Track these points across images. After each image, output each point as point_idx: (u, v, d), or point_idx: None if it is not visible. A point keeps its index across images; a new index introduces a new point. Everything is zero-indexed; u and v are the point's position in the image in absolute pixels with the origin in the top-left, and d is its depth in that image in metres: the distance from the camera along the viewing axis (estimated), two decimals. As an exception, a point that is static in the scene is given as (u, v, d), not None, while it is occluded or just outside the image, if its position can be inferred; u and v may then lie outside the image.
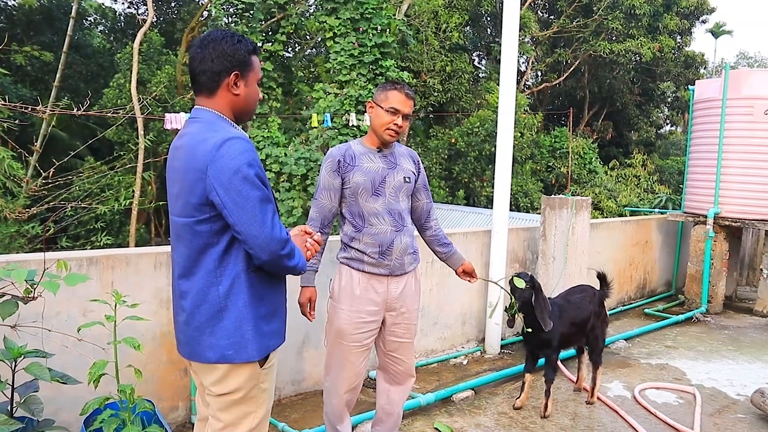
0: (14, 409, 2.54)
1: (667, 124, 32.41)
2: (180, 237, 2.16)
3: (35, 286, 2.43)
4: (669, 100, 28.54)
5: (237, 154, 2.01)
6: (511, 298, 4.03)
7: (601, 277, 4.81)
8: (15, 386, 2.56)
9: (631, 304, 8.02)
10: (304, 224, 2.61)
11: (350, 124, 12.30)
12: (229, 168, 1.99)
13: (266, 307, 2.20)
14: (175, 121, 5.82)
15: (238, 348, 2.12)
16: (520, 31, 5.47)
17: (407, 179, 3.24)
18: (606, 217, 15.90)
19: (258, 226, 2.02)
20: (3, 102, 5.59)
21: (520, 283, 4.01)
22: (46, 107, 5.78)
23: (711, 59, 34.30)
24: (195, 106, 2.23)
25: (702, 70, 26.35)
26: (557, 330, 4.22)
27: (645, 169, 20.94)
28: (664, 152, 27.36)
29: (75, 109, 6.00)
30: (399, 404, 3.51)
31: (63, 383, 2.53)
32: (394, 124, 3.10)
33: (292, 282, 2.81)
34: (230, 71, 2.15)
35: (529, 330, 4.12)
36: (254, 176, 2.03)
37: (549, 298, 4.35)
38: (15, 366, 2.55)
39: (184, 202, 2.09)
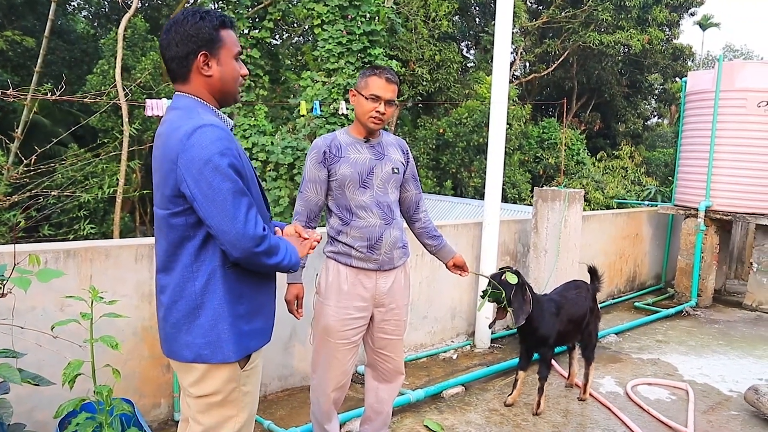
0: (-17, 412, 2.41)
1: (654, 116, 32.45)
2: (159, 229, 2.05)
3: (5, 282, 2.29)
4: (657, 92, 28.57)
5: (208, 143, 1.87)
6: (498, 290, 3.90)
7: (592, 270, 4.72)
8: (-17, 388, 2.43)
9: (621, 297, 7.97)
10: (292, 215, 2.47)
11: (339, 113, 12.15)
12: (199, 157, 1.86)
13: (245, 306, 2.07)
14: (156, 107, 5.64)
15: (213, 348, 2.01)
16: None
17: (396, 170, 3.11)
18: (593, 209, 15.87)
19: (228, 221, 1.88)
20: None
21: (513, 279, 3.89)
22: (18, 91, 5.59)
23: (698, 52, 34.40)
24: (175, 93, 2.10)
25: (690, 63, 26.38)
26: (555, 327, 4.13)
27: (632, 161, 20.93)
28: (650, 144, 27.39)
29: (55, 94, 5.82)
30: (388, 402, 3.40)
31: (35, 385, 2.39)
32: (377, 111, 2.95)
33: (281, 276, 2.69)
34: (197, 52, 2.01)
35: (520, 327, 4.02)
36: (227, 166, 1.89)
37: (544, 294, 4.25)
38: (-16, 366, 2.41)
39: (161, 193, 1.98)
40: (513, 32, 20.10)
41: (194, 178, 1.87)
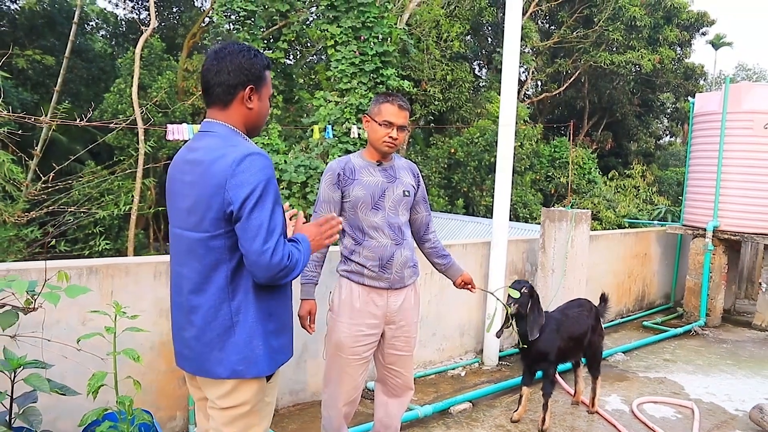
0: (13, 420, 2.54)
1: (666, 134, 32.46)
2: (192, 252, 2.13)
3: (35, 297, 2.42)
4: (668, 111, 28.63)
5: (257, 170, 2.02)
6: (506, 310, 4.03)
7: (603, 297, 4.87)
8: (14, 397, 2.55)
9: (630, 316, 8.02)
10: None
11: (351, 136, 12.32)
12: (249, 182, 2.00)
13: (275, 323, 2.21)
14: (177, 131, 5.80)
15: (248, 363, 2.13)
16: (521, 41, 5.48)
17: (407, 193, 3.24)
18: (605, 228, 15.91)
19: (259, 247, 1.99)
20: (6, 111, 5.60)
21: (515, 294, 4.00)
22: (47, 116, 5.78)
23: (710, 71, 34.45)
24: (207, 119, 2.22)
25: (702, 82, 26.43)
26: (555, 344, 4.22)
27: (644, 179, 20.96)
28: (663, 163, 27.40)
29: (77, 118, 6.01)
30: (397, 417, 3.50)
31: (62, 394, 2.53)
32: (390, 137, 3.11)
33: (295, 293, 2.80)
34: (246, 85, 2.17)
35: (524, 345, 4.14)
36: (271, 194, 2.04)
37: (546, 312, 4.35)
38: (14, 377, 2.54)
39: (200, 217, 2.07)
40: (525, 52, 20.34)
41: (241, 202, 1.99)
